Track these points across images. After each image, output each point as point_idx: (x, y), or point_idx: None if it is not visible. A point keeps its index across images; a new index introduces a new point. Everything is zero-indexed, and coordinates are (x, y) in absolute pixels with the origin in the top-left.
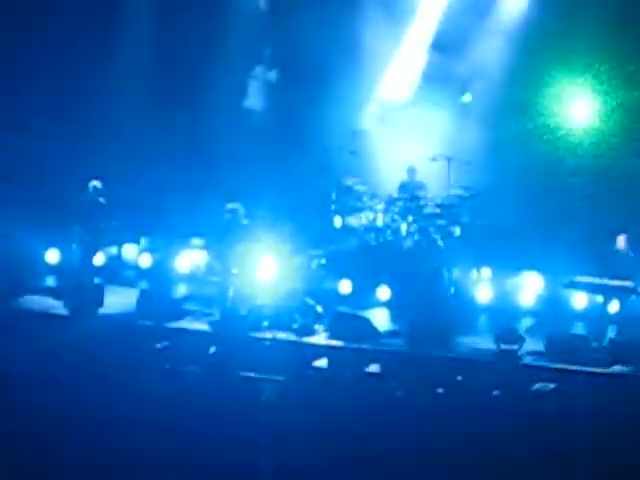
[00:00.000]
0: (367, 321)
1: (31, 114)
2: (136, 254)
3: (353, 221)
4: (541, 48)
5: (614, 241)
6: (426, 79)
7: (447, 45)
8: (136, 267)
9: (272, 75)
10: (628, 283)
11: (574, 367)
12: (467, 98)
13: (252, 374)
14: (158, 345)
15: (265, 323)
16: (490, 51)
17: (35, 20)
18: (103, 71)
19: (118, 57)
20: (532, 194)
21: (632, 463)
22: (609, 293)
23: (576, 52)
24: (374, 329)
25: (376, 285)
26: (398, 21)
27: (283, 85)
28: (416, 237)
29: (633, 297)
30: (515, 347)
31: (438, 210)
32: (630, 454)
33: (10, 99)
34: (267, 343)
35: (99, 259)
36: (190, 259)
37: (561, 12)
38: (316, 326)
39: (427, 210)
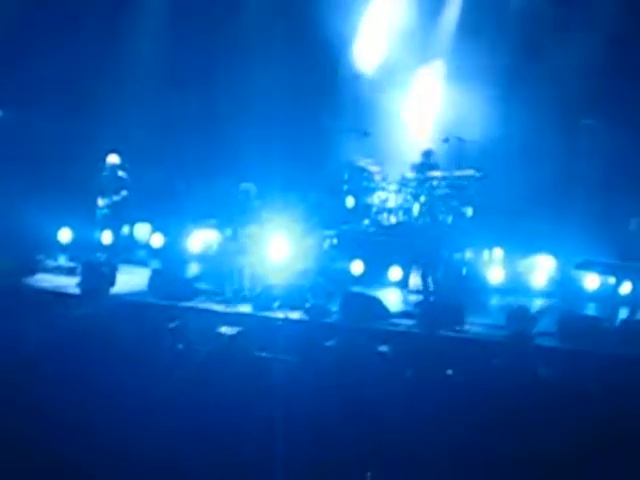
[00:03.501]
0: (378, 301)
1: (43, 93)
2: (148, 234)
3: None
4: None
5: (627, 222)
6: None
7: None
8: (148, 246)
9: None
10: None
11: (586, 349)
12: None
13: (264, 354)
14: (170, 325)
15: (277, 303)
16: None
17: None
18: (118, 50)
19: (132, 35)
20: (545, 174)
21: None
22: (621, 274)
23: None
24: (385, 309)
25: (388, 266)
26: None
27: (296, 64)
28: (428, 218)
29: None
30: (527, 328)
31: (450, 191)
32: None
33: (23, 76)
34: (279, 323)
35: (107, 238)
36: (202, 239)
37: None
38: (328, 306)
39: (439, 191)
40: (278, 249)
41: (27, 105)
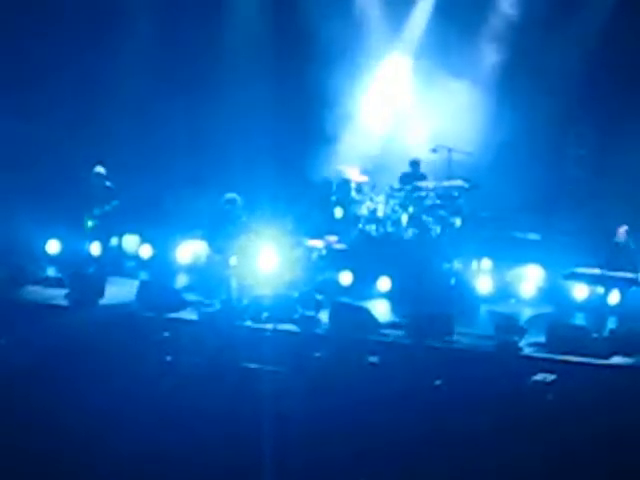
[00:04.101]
0: (367, 312)
1: (32, 104)
2: (136, 245)
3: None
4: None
5: (615, 233)
6: None
7: None
8: (137, 258)
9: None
10: (628, 274)
11: (574, 358)
12: None
13: (253, 365)
14: (159, 336)
15: (265, 314)
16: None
17: (40, 13)
18: (105, 62)
19: (120, 48)
20: (533, 185)
21: (632, 454)
22: (609, 284)
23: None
24: (374, 320)
25: (376, 276)
26: None
27: (284, 75)
28: (416, 228)
29: (633, 288)
30: (515, 338)
31: (439, 201)
32: (630, 445)
33: (13, 89)
34: (268, 334)
35: (96, 249)
36: (191, 250)
37: None
38: (316, 317)
39: (428, 201)
40: (267, 260)
41: (14, 118)
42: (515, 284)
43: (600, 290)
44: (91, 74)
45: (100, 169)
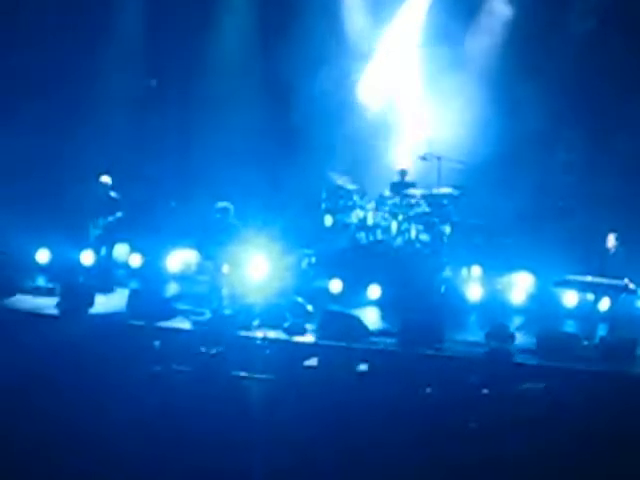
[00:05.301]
0: (357, 320)
1: (21, 114)
2: (126, 254)
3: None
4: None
5: (605, 239)
6: None
7: None
8: (127, 266)
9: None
10: (618, 281)
11: (565, 365)
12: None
13: (243, 373)
14: (149, 345)
15: (256, 322)
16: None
17: (29, 20)
18: (94, 69)
19: (109, 56)
20: (523, 192)
21: (621, 461)
22: (600, 291)
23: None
24: (364, 328)
25: (367, 284)
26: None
27: (275, 82)
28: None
29: (623, 295)
30: (506, 345)
31: (429, 209)
32: (621, 451)
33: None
34: (258, 342)
35: (87, 259)
36: (181, 258)
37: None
38: (306, 325)
39: (418, 209)
40: (257, 268)
41: (9, 126)
42: (505, 291)
43: (590, 297)
44: (79, 80)
45: (106, 179)
